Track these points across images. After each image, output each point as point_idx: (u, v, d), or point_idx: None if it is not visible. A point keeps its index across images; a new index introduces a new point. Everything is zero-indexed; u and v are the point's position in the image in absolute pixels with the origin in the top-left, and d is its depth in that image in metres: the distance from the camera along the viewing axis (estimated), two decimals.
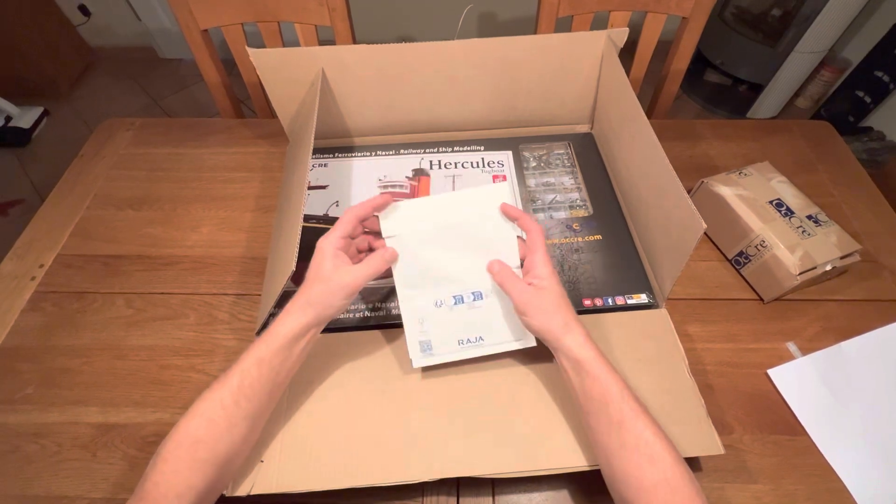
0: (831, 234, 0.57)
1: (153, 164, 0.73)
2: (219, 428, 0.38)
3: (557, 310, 0.43)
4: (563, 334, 0.42)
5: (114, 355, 0.54)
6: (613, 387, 0.39)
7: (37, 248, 0.64)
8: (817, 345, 0.55)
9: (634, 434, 0.37)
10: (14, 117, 1.75)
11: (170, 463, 0.36)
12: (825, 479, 0.47)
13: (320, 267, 0.43)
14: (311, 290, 0.42)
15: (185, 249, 0.63)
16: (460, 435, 0.46)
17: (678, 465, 0.36)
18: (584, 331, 0.42)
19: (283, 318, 0.42)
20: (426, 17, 1.86)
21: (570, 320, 0.42)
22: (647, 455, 0.36)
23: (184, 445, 0.37)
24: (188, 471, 0.36)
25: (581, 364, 0.41)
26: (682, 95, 1.94)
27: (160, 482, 0.35)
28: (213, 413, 0.38)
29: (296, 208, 0.46)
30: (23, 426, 0.50)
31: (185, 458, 0.36)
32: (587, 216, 0.62)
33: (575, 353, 0.41)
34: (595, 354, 0.41)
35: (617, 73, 0.61)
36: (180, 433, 0.37)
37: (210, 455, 0.37)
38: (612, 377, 0.40)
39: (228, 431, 0.38)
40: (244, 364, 0.40)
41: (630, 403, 0.39)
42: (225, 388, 0.39)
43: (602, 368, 0.40)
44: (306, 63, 0.61)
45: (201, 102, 1.92)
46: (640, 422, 0.38)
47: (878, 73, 1.52)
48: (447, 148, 0.70)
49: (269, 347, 0.41)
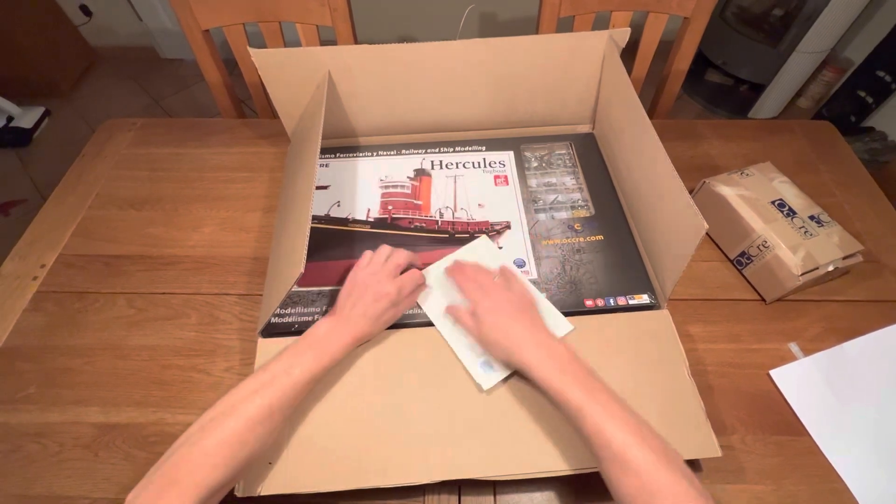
0: (833, 234, 0.57)
1: (155, 164, 0.73)
2: (265, 432, 0.39)
3: (502, 340, 0.46)
4: (522, 360, 0.44)
5: (115, 355, 0.54)
6: (577, 401, 0.39)
7: (38, 248, 0.64)
8: (819, 345, 0.55)
9: (606, 442, 0.37)
10: (15, 117, 1.76)
11: (210, 456, 0.36)
12: (827, 480, 0.47)
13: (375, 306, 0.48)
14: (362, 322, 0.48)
15: (187, 249, 0.63)
16: (463, 437, 0.46)
17: (655, 463, 0.35)
18: (534, 354, 0.43)
19: (337, 345, 0.46)
20: (427, 17, 1.86)
21: (514, 350, 0.44)
22: (621, 461, 0.36)
23: (227, 444, 0.37)
24: (224, 468, 0.36)
25: (545, 386, 0.42)
26: (683, 95, 1.94)
27: (195, 472, 0.35)
28: (261, 416, 0.39)
29: (303, 212, 0.47)
30: (24, 426, 0.50)
31: (226, 455, 0.37)
32: (589, 216, 0.62)
33: (536, 373, 0.42)
34: (557, 371, 0.41)
35: (618, 74, 0.61)
36: (225, 433, 0.37)
37: (249, 455, 0.38)
38: (575, 391, 0.40)
39: (268, 437, 0.40)
40: (301, 374, 0.42)
41: (597, 415, 0.38)
42: (275, 396, 0.40)
43: (561, 384, 0.41)
44: (308, 63, 0.61)
45: (202, 102, 1.93)
46: (608, 427, 0.37)
47: (880, 73, 1.52)
48: (448, 148, 0.70)
49: (321, 364, 0.44)
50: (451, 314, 0.50)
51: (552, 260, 0.58)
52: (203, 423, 0.38)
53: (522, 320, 0.46)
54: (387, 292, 0.48)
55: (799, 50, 1.55)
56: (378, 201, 0.64)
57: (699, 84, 1.92)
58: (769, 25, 1.64)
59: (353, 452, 0.45)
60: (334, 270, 0.57)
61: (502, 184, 0.66)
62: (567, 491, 0.46)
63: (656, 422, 0.45)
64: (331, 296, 0.55)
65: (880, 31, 1.52)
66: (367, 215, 0.62)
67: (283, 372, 0.42)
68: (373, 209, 0.63)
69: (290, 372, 0.42)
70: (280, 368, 0.42)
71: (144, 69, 2.04)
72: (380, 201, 0.64)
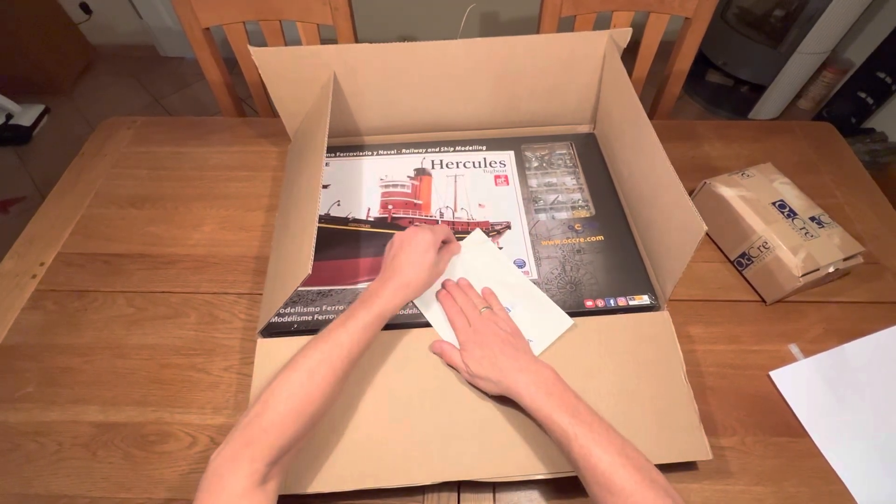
0: (834, 235, 0.57)
1: (155, 163, 0.73)
2: (330, 386, 0.40)
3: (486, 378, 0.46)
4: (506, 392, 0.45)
5: (114, 354, 0.54)
6: (563, 425, 0.40)
7: (38, 247, 0.63)
8: (820, 347, 0.55)
9: (592, 465, 0.38)
10: (15, 115, 1.75)
11: (280, 413, 0.38)
12: (827, 482, 0.47)
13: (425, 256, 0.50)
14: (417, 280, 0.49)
15: (187, 248, 0.63)
16: (462, 437, 0.46)
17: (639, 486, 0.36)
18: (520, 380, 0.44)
19: (392, 300, 0.47)
20: (428, 16, 1.86)
21: (502, 379, 0.45)
22: (606, 484, 0.37)
23: (295, 399, 0.38)
24: (294, 424, 0.38)
25: (532, 410, 0.43)
26: (684, 96, 1.93)
27: (269, 430, 0.37)
28: (325, 369, 0.40)
29: (309, 213, 0.47)
30: (23, 425, 0.50)
31: (294, 409, 0.38)
32: (589, 217, 0.62)
33: (524, 399, 0.43)
34: (543, 395, 0.42)
35: (618, 74, 0.61)
36: (292, 389, 0.39)
37: (316, 411, 0.39)
38: (560, 415, 0.41)
39: (333, 391, 0.41)
40: (356, 327, 0.43)
41: (583, 438, 0.39)
42: (336, 349, 0.42)
43: (548, 408, 0.41)
44: (308, 63, 0.61)
45: (202, 101, 1.92)
46: (595, 452, 0.38)
47: (881, 75, 1.52)
48: (449, 147, 0.70)
49: (372, 311, 0.45)
50: (438, 353, 0.50)
51: (552, 260, 0.58)
52: (272, 385, 0.39)
53: (507, 350, 0.47)
54: (431, 240, 0.51)
55: (799, 51, 1.55)
56: (378, 200, 0.64)
57: (700, 85, 1.92)
58: (770, 26, 1.64)
59: (352, 453, 0.45)
60: (334, 270, 0.57)
61: (503, 183, 0.66)
62: (565, 492, 0.46)
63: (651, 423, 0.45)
64: (330, 295, 0.55)
65: (881, 32, 1.52)
66: (367, 214, 0.62)
67: (338, 326, 0.43)
68: (373, 208, 0.63)
69: (345, 324, 0.43)
70: (336, 324, 0.44)
71: (144, 67, 2.03)
72: (380, 200, 0.64)
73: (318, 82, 0.63)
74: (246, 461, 0.35)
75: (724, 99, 1.87)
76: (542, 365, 0.45)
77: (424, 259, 0.50)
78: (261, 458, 0.35)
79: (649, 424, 0.47)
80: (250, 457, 0.35)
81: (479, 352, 0.47)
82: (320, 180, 0.49)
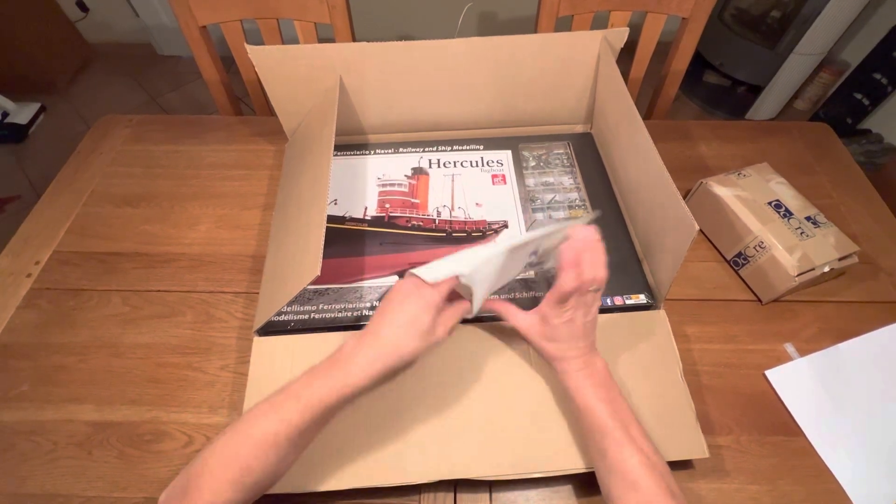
0: (830, 235, 0.57)
1: (151, 161, 0.73)
2: (270, 461, 0.36)
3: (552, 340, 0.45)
4: (558, 361, 0.44)
5: (110, 353, 0.54)
6: (601, 417, 0.40)
7: (33, 245, 0.63)
8: (815, 346, 0.55)
9: (619, 461, 0.38)
10: (10, 113, 1.74)
11: (217, 481, 0.35)
12: (822, 480, 0.47)
13: (417, 320, 0.40)
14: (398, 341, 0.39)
15: (183, 247, 0.63)
16: (458, 436, 0.46)
17: (661, 493, 0.37)
18: (582, 359, 0.43)
19: (360, 362, 0.38)
20: (426, 15, 1.86)
21: (559, 356, 0.44)
22: (631, 482, 0.37)
23: (232, 468, 0.35)
24: (231, 492, 0.35)
25: (574, 395, 0.42)
26: (681, 96, 1.94)
27: (203, 488, 0.34)
28: (266, 444, 0.36)
29: (317, 213, 0.46)
30: (18, 424, 0.49)
31: (231, 480, 0.35)
32: (586, 216, 0.62)
33: (570, 382, 0.43)
34: (590, 384, 0.42)
35: (612, 74, 0.61)
36: (230, 456, 0.36)
37: (256, 482, 0.36)
38: (602, 407, 0.41)
39: (277, 465, 0.37)
40: (309, 400, 0.37)
41: (617, 434, 0.39)
42: (283, 423, 0.36)
43: (592, 399, 0.41)
44: (306, 61, 0.61)
45: (199, 100, 1.92)
46: (625, 450, 0.38)
47: (877, 76, 1.53)
48: (446, 147, 0.70)
49: (335, 390, 0.37)
50: (499, 310, 0.47)
51: None
52: (218, 439, 0.37)
53: (580, 332, 0.45)
54: (428, 300, 0.40)
55: (796, 52, 1.56)
56: (375, 199, 0.64)
57: (697, 85, 1.92)
58: (767, 27, 1.65)
59: (348, 452, 0.45)
60: (331, 268, 0.56)
61: (500, 183, 0.66)
62: (562, 490, 0.46)
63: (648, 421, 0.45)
64: (327, 294, 0.55)
65: (877, 33, 1.52)
66: (364, 213, 0.62)
67: (293, 395, 0.38)
68: (370, 207, 0.63)
69: (300, 396, 0.37)
70: (293, 389, 0.38)
71: (141, 66, 2.02)
72: (377, 199, 0.64)
73: (315, 81, 0.63)
74: None
75: (721, 99, 1.88)
76: (598, 355, 0.45)
77: (415, 324, 0.39)
78: None
79: (646, 423, 0.46)
80: None
81: (566, 330, 0.44)
82: (328, 182, 0.49)
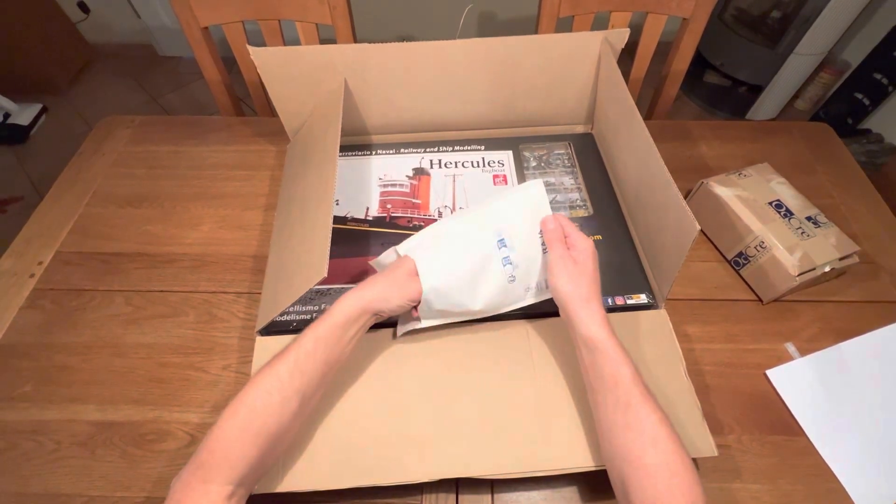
0: (830, 235, 0.57)
1: (153, 162, 0.73)
2: (273, 400, 0.39)
3: (582, 284, 0.44)
4: (580, 307, 0.43)
5: (112, 353, 0.54)
6: (624, 369, 0.40)
7: (35, 246, 0.63)
8: (816, 346, 0.55)
9: (640, 417, 0.38)
10: (12, 114, 1.75)
11: (225, 431, 0.37)
12: (823, 480, 0.47)
13: (395, 271, 0.46)
14: (375, 284, 0.46)
15: (185, 247, 0.63)
16: (460, 435, 0.46)
17: (679, 452, 0.37)
18: (602, 313, 0.43)
19: (342, 302, 0.44)
20: (427, 16, 1.86)
21: (591, 298, 0.44)
22: (650, 437, 0.37)
23: (240, 414, 0.38)
24: (241, 441, 0.37)
25: (594, 342, 0.42)
26: (681, 96, 1.94)
27: (215, 449, 0.36)
28: (270, 385, 0.39)
29: (323, 214, 0.47)
30: (21, 423, 0.50)
31: (240, 427, 0.38)
32: (587, 216, 0.62)
33: (589, 331, 0.42)
34: (608, 335, 0.42)
35: (613, 75, 0.61)
36: (237, 402, 0.38)
37: (262, 427, 0.38)
38: (624, 360, 0.41)
39: (281, 405, 0.39)
40: (302, 340, 0.42)
41: (639, 388, 0.39)
42: (283, 363, 0.40)
43: (614, 350, 0.41)
44: (307, 62, 0.61)
45: (201, 100, 1.92)
46: (646, 406, 0.38)
47: (877, 76, 1.53)
48: (447, 147, 0.70)
49: (326, 326, 0.42)
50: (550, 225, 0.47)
51: None
52: (229, 405, 0.39)
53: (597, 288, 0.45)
54: (411, 266, 0.46)
55: (797, 52, 1.56)
56: (377, 200, 0.64)
57: (698, 85, 1.92)
58: (767, 27, 1.65)
59: (350, 451, 0.45)
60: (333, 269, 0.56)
61: (501, 183, 0.66)
62: (565, 488, 0.46)
63: None
64: (329, 294, 0.55)
65: (877, 33, 1.52)
66: (365, 214, 0.62)
67: (295, 341, 0.42)
68: (371, 208, 0.63)
69: (299, 340, 0.42)
70: (296, 338, 0.42)
71: (142, 66, 2.03)
72: (378, 200, 0.64)
73: (317, 82, 0.63)
74: (199, 482, 0.35)
75: (722, 99, 1.88)
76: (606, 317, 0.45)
77: (394, 275, 0.46)
78: (213, 478, 0.35)
79: None
80: (202, 478, 0.35)
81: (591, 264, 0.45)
82: (334, 183, 0.49)
